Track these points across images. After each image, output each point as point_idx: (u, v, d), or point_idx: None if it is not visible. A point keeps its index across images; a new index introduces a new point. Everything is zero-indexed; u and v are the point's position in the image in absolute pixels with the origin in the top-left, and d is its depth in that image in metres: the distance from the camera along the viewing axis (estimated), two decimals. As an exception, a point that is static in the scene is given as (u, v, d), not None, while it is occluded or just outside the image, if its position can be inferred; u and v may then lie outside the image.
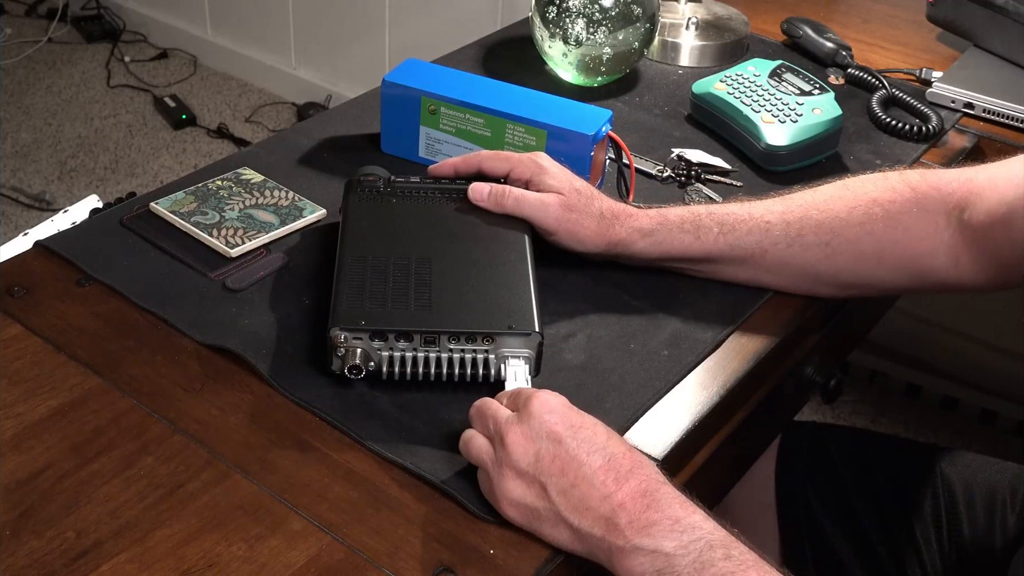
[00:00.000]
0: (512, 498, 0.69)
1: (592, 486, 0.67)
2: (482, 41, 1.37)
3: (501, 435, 0.69)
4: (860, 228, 0.89)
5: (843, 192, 0.91)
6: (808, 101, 1.13)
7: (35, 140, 2.81)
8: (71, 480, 0.72)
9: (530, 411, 0.70)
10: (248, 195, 1.00)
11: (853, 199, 0.90)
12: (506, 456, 0.69)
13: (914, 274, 0.91)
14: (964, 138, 1.23)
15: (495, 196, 0.89)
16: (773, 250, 0.90)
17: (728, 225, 0.90)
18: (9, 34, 3.25)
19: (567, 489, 0.67)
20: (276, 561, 0.68)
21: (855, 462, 1.08)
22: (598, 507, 0.66)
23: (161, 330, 0.85)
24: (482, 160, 0.93)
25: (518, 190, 0.90)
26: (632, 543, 0.65)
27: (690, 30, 1.35)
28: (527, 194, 0.89)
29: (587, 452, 0.68)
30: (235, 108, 2.98)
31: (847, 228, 0.89)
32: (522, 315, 0.80)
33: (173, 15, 3.21)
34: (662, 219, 0.90)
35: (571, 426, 0.69)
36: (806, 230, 0.89)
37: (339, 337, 0.78)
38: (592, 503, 0.66)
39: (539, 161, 0.91)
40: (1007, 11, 1.28)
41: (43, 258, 0.92)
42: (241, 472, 0.74)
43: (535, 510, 0.68)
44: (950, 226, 0.88)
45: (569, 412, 0.70)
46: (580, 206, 0.88)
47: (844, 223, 0.89)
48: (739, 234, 0.90)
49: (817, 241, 0.89)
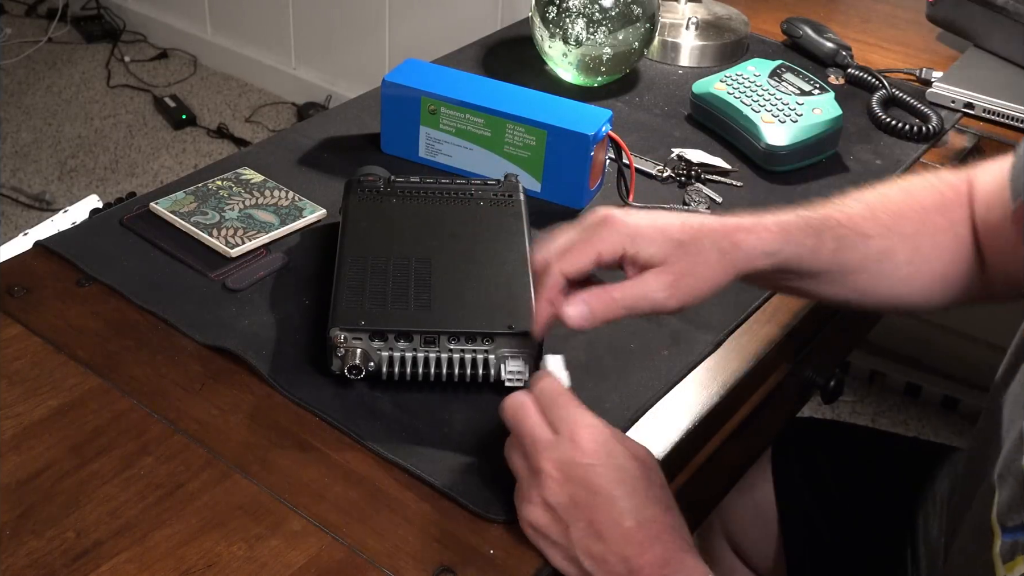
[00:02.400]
0: (535, 524, 0.68)
1: (616, 544, 0.65)
2: (482, 41, 1.37)
3: (537, 463, 0.67)
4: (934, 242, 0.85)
5: (908, 197, 0.86)
6: (808, 101, 1.13)
7: (35, 140, 2.81)
8: (71, 480, 0.72)
9: (576, 448, 0.66)
10: (248, 195, 1.00)
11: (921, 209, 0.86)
12: (538, 485, 0.67)
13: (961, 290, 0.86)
14: (964, 138, 1.23)
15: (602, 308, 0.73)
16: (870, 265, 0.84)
17: (839, 237, 0.82)
18: (9, 34, 3.25)
19: (590, 539, 0.66)
20: (276, 561, 0.68)
21: (853, 459, 1.08)
22: (615, 566, 0.65)
23: (161, 330, 0.85)
24: (561, 267, 0.73)
25: (619, 290, 0.73)
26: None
27: (690, 30, 1.35)
28: (629, 290, 0.73)
29: (620, 512, 0.66)
30: (235, 108, 2.98)
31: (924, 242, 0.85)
32: (522, 315, 0.80)
33: (173, 15, 3.21)
34: (784, 235, 0.79)
35: (611, 480, 0.66)
36: (896, 244, 0.84)
37: (339, 337, 0.78)
38: (610, 559, 0.65)
39: (624, 229, 0.73)
40: (1007, 11, 1.28)
41: (43, 258, 0.92)
42: (241, 472, 0.73)
43: (554, 543, 0.67)
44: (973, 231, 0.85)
45: (612, 462, 0.67)
46: (690, 262, 0.74)
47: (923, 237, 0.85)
48: (847, 247, 0.82)
49: (906, 259, 0.84)
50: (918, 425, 2.02)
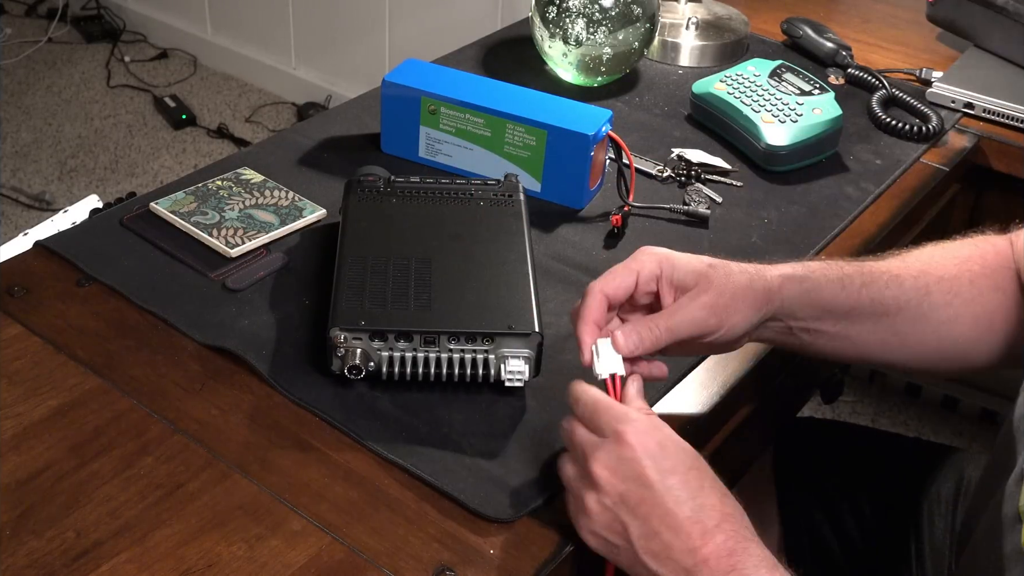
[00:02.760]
0: (593, 529, 0.67)
1: (677, 536, 0.65)
2: (482, 41, 1.37)
3: (588, 469, 0.67)
4: (971, 287, 0.84)
5: (945, 252, 0.86)
6: (808, 101, 1.13)
7: (35, 140, 2.81)
8: (71, 480, 0.72)
9: (623, 445, 0.66)
10: (248, 195, 1.00)
11: (958, 259, 0.85)
12: (590, 489, 0.67)
13: (1009, 345, 0.85)
14: (964, 138, 1.23)
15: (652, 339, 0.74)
16: (907, 307, 0.83)
17: (867, 276, 0.82)
18: (9, 34, 3.25)
19: (650, 535, 0.65)
20: (276, 561, 0.68)
21: (854, 459, 1.08)
22: (680, 559, 0.64)
23: (161, 330, 0.85)
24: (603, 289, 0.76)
25: (663, 318, 0.75)
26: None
27: (690, 30, 1.35)
28: (672, 316, 0.75)
29: (675, 501, 0.65)
30: (235, 108, 2.98)
31: (962, 287, 0.84)
32: (522, 315, 0.80)
33: (173, 15, 3.21)
34: (804, 267, 0.81)
35: (662, 470, 0.66)
36: (932, 287, 0.84)
37: (339, 337, 0.78)
38: (674, 554, 0.65)
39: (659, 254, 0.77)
40: (1007, 11, 1.28)
41: (43, 258, 0.92)
42: (241, 472, 0.73)
43: (615, 546, 0.67)
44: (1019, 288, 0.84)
45: (661, 453, 0.66)
46: (725, 283, 0.76)
47: (959, 282, 0.84)
48: (880, 286, 0.82)
49: (944, 301, 0.84)
50: (918, 425, 2.01)
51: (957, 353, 0.86)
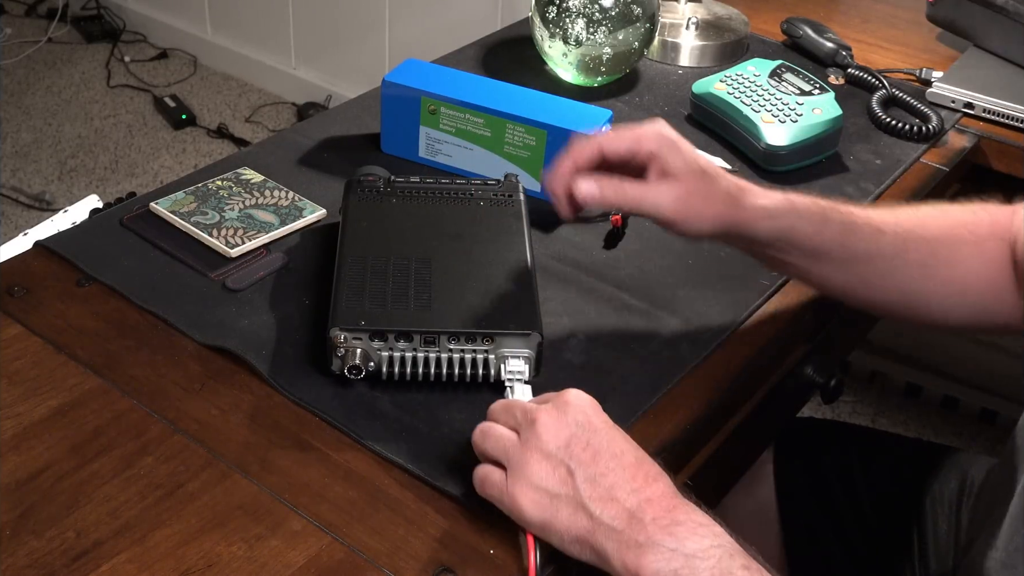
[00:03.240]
0: (534, 482, 0.67)
1: (623, 478, 0.66)
2: (482, 41, 1.37)
3: (532, 418, 0.68)
4: (952, 251, 0.86)
5: (940, 214, 0.88)
6: (808, 101, 1.13)
7: (35, 140, 2.81)
8: (71, 480, 0.72)
9: (565, 400, 0.69)
10: (248, 195, 1.00)
11: (948, 222, 0.87)
12: (535, 438, 0.68)
13: (982, 310, 0.87)
14: (964, 138, 1.23)
15: (612, 189, 0.79)
16: (879, 259, 0.86)
17: (849, 224, 0.85)
18: (9, 34, 3.25)
19: (596, 477, 0.66)
20: (276, 561, 0.68)
21: (854, 459, 1.08)
22: (625, 499, 0.65)
23: (161, 330, 0.85)
24: (601, 144, 0.80)
25: (632, 183, 0.80)
26: (653, 539, 0.64)
27: (690, 30, 1.35)
28: (641, 187, 0.80)
29: (620, 447, 0.67)
30: (235, 108, 2.98)
31: (942, 248, 0.86)
32: (522, 315, 0.80)
33: (173, 15, 3.21)
34: (790, 204, 0.84)
35: (606, 422, 0.69)
36: (911, 245, 0.86)
37: (339, 337, 0.78)
38: (619, 494, 0.65)
39: (666, 135, 0.81)
40: (1007, 11, 1.28)
41: (43, 258, 0.92)
42: (241, 472, 0.74)
43: (555, 496, 0.66)
44: (1011, 262, 0.85)
45: (601, 411, 0.70)
46: (705, 191, 0.80)
47: (941, 244, 0.86)
48: (857, 236, 0.85)
49: (919, 260, 0.86)
50: (918, 425, 2.02)
51: (923, 310, 0.89)
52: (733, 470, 0.99)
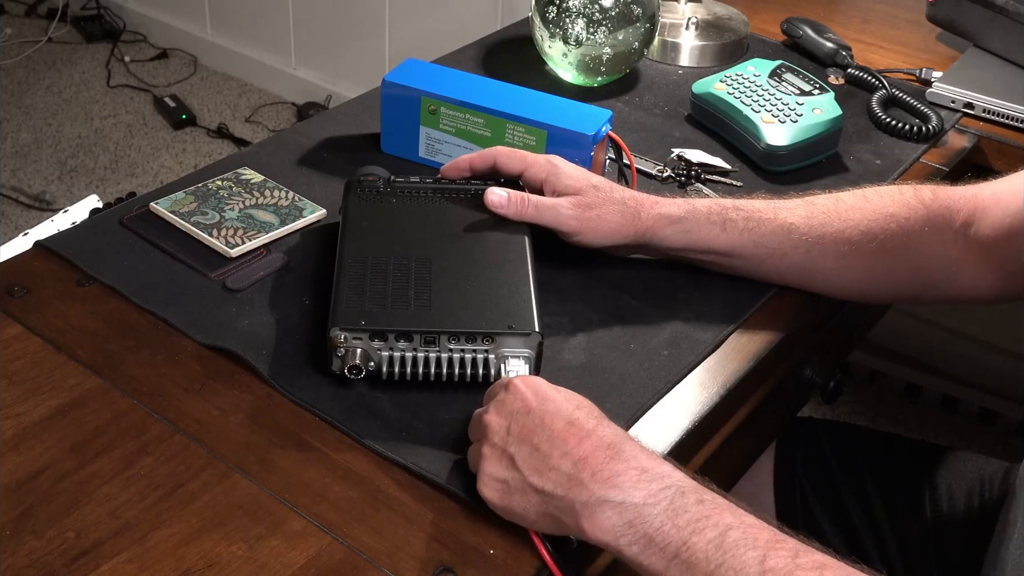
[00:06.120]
0: (488, 474, 0.69)
1: (553, 446, 0.67)
2: (482, 41, 1.37)
3: (482, 423, 0.71)
4: (876, 244, 0.89)
5: (863, 203, 0.91)
6: (808, 101, 1.13)
7: (35, 140, 2.81)
8: (71, 480, 0.72)
9: (507, 391, 0.71)
10: (248, 195, 1.00)
11: (872, 212, 0.90)
12: (484, 438, 0.70)
13: (920, 289, 0.92)
14: (964, 138, 1.23)
15: (515, 204, 0.88)
16: (793, 253, 0.90)
17: (753, 221, 0.90)
18: (9, 34, 3.25)
19: (531, 454, 0.67)
20: (276, 561, 0.68)
21: (852, 459, 1.08)
22: (559, 465, 0.66)
23: (161, 330, 0.85)
24: (497, 156, 0.92)
25: (536, 197, 0.89)
26: (597, 496, 0.64)
27: (690, 30, 1.35)
28: (544, 200, 0.89)
29: (551, 418, 0.68)
30: (235, 108, 2.98)
31: (864, 242, 0.89)
32: (522, 315, 0.80)
33: (173, 15, 3.22)
34: (690, 207, 0.90)
35: (542, 398, 0.69)
36: (827, 238, 0.90)
37: (339, 337, 0.78)
38: (553, 462, 0.66)
39: (554, 162, 0.91)
40: (1007, 11, 1.28)
41: (43, 258, 0.92)
42: (241, 472, 0.74)
43: (506, 483, 0.68)
44: (957, 243, 0.89)
45: (543, 387, 0.71)
46: (599, 201, 0.88)
47: (863, 236, 0.89)
48: (763, 232, 0.89)
49: (835, 252, 0.90)
50: (918, 425, 2.02)
51: (849, 295, 0.95)
52: (733, 470, 0.99)
